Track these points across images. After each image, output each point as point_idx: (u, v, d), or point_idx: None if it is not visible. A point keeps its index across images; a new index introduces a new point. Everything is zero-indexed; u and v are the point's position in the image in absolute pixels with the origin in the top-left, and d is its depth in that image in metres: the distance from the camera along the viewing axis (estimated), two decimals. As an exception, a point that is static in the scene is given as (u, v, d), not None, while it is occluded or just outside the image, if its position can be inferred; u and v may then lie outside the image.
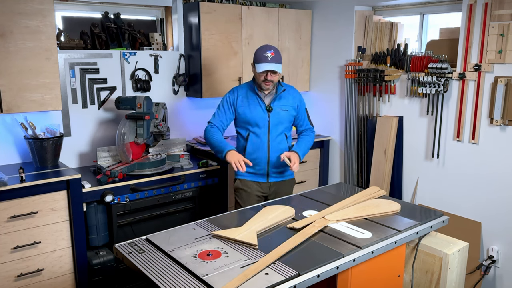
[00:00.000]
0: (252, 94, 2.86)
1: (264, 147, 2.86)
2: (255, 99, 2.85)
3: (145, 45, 3.69)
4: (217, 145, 2.77)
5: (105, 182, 2.94)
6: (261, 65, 2.72)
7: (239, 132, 2.94)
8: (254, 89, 2.86)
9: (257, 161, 2.86)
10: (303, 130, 3.03)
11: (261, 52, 2.74)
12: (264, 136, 2.85)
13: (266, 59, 2.71)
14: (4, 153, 3.09)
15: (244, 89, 2.90)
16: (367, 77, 3.82)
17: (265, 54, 2.72)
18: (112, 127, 3.52)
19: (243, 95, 2.87)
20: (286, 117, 2.90)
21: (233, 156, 2.70)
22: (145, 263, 1.82)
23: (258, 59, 2.74)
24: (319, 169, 4.35)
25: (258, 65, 2.73)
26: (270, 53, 2.72)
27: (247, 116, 2.84)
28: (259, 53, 2.75)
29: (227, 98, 2.89)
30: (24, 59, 2.76)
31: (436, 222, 2.30)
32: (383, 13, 4.03)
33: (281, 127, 2.89)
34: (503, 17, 2.98)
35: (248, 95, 2.87)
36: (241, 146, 2.92)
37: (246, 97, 2.86)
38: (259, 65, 2.73)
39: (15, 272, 2.71)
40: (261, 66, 2.72)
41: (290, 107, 2.92)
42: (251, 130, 2.86)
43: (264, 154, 2.86)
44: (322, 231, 2.10)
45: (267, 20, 3.99)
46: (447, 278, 2.22)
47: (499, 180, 3.15)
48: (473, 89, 3.22)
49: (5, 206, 2.61)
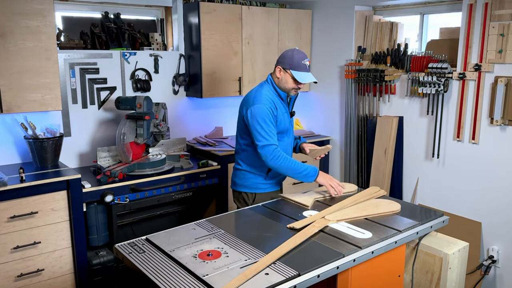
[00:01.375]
0: (279, 101, 2.57)
1: (290, 155, 2.67)
2: (283, 106, 2.59)
3: (145, 45, 3.69)
4: (302, 168, 2.47)
5: (105, 182, 2.94)
6: (303, 74, 2.48)
7: None
8: (280, 93, 2.58)
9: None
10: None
11: (299, 59, 2.48)
12: (290, 143, 2.69)
13: (306, 68, 2.50)
14: (4, 153, 3.09)
15: (272, 96, 2.55)
16: (367, 77, 3.82)
17: (304, 62, 2.49)
18: (112, 127, 3.52)
19: (276, 103, 2.55)
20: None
21: (326, 178, 2.53)
22: (145, 263, 1.82)
23: (298, 66, 2.48)
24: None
25: (300, 74, 2.48)
26: (308, 62, 2.52)
27: (281, 125, 2.57)
28: (297, 60, 2.48)
29: (269, 111, 2.46)
30: (24, 59, 2.76)
31: (436, 222, 2.30)
32: (383, 13, 4.03)
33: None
34: (503, 17, 2.98)
35: (277, 102, 2.55)
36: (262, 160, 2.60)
37: (278, 105, 2.56)
38: (301, 75, 2.48)
39: (15, 272, 2.71)
40: (304, 76, 2.48)
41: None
42: (280, 139, 2.60)
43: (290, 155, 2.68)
44: (322, 231, 2.10)
45: (267, 20, 3.99)
46: (447, 278, 2.22)
47: (499, 180, 3.15)
48: (473, 89, 3.22)
49: (5, 206, 2.61)
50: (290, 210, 2.37)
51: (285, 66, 2.51)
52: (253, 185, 2.64)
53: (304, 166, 2.49)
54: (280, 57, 2.56)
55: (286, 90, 2.56)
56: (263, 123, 2.43)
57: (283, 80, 2.53)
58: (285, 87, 2.55)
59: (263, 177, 2.64)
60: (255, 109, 2.45)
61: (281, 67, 2.52)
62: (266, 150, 2.43)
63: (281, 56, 2.55)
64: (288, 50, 2.54)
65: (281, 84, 2.55)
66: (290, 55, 2.50)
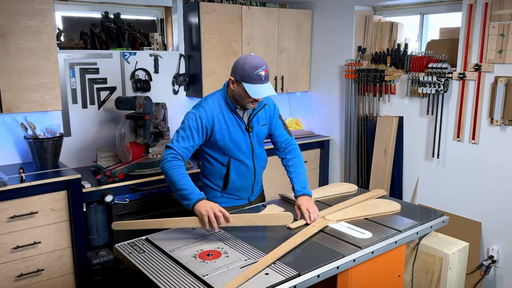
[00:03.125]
0: (229, 113, 2.26)
1: (250, 173, 2.40)
2: (234, 119, 2.27)
3: (145, 45, 3.69)
4: (182, 187, 2.07)
5: (105, 182, 2.94)
6: (257, 87, 2.10)
7: (214, 157, 2.35)
8: (230, 105, 2.26)
9: (243, 187, 2.43)
10: (286, 148, 2.47)
11: (252, 70, 2.09)
12: (249, 160, 2.37)
13: (261, 79, 2.11)
14: (4, 153, 3.09)
15: (216, 106, 2.24)
16: (367, 77, 3.82)
17: (258, 72, 2.10)
18: (112, 127, 3.52)
19: (218, 115, 2.23)
20: (265, 132, 2.41)
21: (205, 208, 2.00)
22: (145, 263, 1.82)
23: (250, 78, 2.10)
24: (319, 169, 4.35)
25: (253, 87, 2.10)
26: (264, 71, 2.11)
27: (227, 142, 2.27)
28: (249, 70, 2.09)
29: (197, 120, 2.19)
30: (24, 59, 2.76)
31: (436, 222, 2.30)
32: (383, 13, 4.03)
33: (262, 145, 2.45)
34: (503, 17, 2.98)
35: (224, 114, 2.24)
36: (218, 173, 2.37)
37: (223, 117, 2.24)
38: (254, 88, 2.10)
39: (15, 272, 2.71)
40: (258, 89, 2.11)
41: (267, 119, 2.40)
42: (233, 156, 2.32)
43: (250, 180, 2.42)
44: (322, 231, 2.10)
45: (267, 20, 3.99)
46: (447, 278, 2.22)
47: (499, 180, 3.15)
48: (473, 89, 3.22)
49: (5, 206, 2.61)
50: (290, 210, 2.37)
51: (236, 77, 2.14)
52: (212, 198, 2.38)
53: (186, 185, 2.07)
54: (233, 65, 2.18)
55: (241, 104, 2.23)
56: (182, 127, 2.21)
57: (236, 92, 2.19)
58: (239, 101, 2.21)
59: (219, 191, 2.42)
60: (187, 113, 2.25)
61: (233, 78, 2.16)
62: (165, 151, 2.19)
63: (234, 65, 2.18)
64: (241, 58, 2.15)
65: (236, 97, 2.21)
66: (242, 66, 2.11)
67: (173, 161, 2.13)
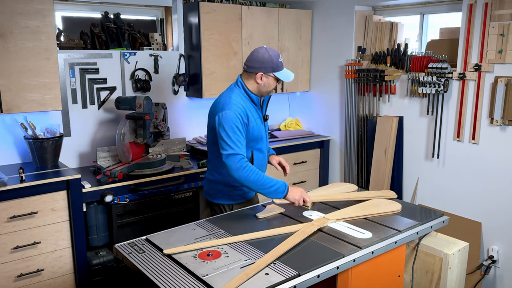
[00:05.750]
0: (251, 106, 2.39)
1: (265, 162, 2.55)
2: (255, 111, 2.41)
3: (145, 45, 3.69)
4: (271, 184, 2.23)
5: (105, 182, 2.94)
6: (285, 72, 2.37)
7: None
8: (254, 99, 2.40)
9: None
10: None
11: (277, 58, 2.34)
12: (264, 149, 2.51)
13: (283, 64, 2.38)
14: (4, 153, 3.09)
15: (243, 101, 2.35)
16: (367, 77, 3.82)
17: (280, 59, 2.36)
18: (112, 127, 3.52)
19: (247, 109, 2.34)
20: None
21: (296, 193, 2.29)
22: (145, 263, 1.82)
23: (278, 66, 2.33)
24: (319, 169, 4.35)
25: (282, 73, 2.35)
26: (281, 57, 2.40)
27: (255, 133, 2.38)
28: (276, 60, 2.33)
29: (238, 118, 2.25)
30: (24, 59, 2.76)
31: (436, 222, 2.30)
32: (383, 13, 4.03)
33: None
34: (503, 17, 2.98)
35: (249, 108, 2.36)
36: None
37: (249, 111, 2.36)
38: (284, 73, 2.36)
39: (15, 272, 2.71)
40: (286, 73, 2.37)
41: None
42: (256, 147, 2.43)
43: (264, 168, 2.54)
44: (322, 231, 2.10)
45: (267, 20, 3.99)
46: (447, 278, 2.22)
47: (499, 180, 3.15)
48: (473, 89, 3.22)
49: (5, 206, 2.61)
50: (291, 210, 2.37)
51: (267, 71, 2.33)
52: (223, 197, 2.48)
53: (272, 181, 2.24)
54: (255, 61, 2.33)
55: (267, 93, 2.42)
56: (230, 131, 2.22)
57: (266, 85, 2.36)
58: (267, 91, 2.39)
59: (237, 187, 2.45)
60: (224, 116, 2.24)
61: (263, 72, 2.33)
62: (231, 160, 2.20)
63: (256, 60, 2.33)
64: (262, 52, 2.34)
65: (263, 89, 2.37)
66: (268, 58, 2.31)
67: (249, 165, 2.23)
